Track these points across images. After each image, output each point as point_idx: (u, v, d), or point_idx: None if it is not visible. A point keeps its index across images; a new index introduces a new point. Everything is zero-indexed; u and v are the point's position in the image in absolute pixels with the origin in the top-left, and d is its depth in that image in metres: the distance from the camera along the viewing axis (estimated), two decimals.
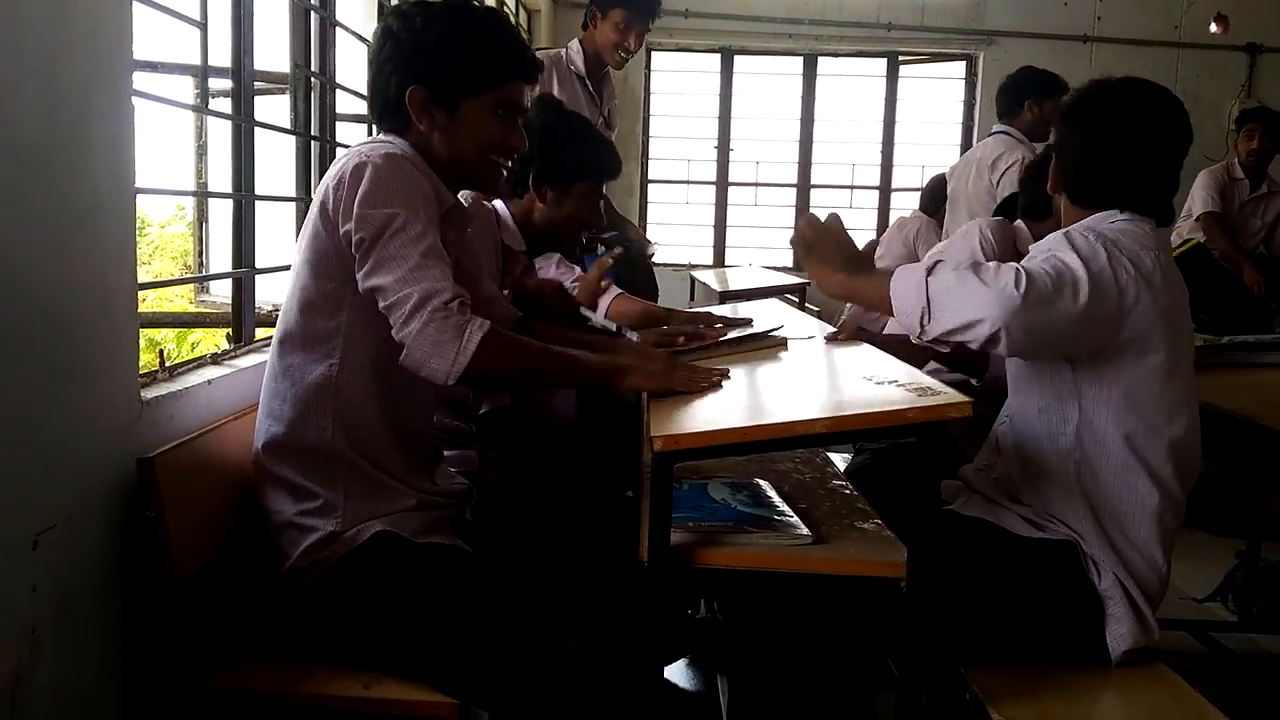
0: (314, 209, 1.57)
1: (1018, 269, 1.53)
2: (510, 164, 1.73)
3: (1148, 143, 1.72)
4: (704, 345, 2.05)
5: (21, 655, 1.31)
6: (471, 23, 1.64)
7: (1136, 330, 1.60)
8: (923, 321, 1.55)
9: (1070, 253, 1.58)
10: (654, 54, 6.95)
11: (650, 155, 7.08)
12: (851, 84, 7.09)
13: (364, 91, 2.96)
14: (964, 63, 6.93)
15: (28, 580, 1.32)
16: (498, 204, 2.33)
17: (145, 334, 4.00)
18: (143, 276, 1.70)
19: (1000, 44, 6.70)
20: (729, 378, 1.71)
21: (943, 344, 1.63)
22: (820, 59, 6.99)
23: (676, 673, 2.49)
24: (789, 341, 2.09)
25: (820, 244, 1.72)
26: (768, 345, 2.07)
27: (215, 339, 3.31)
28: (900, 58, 7.01)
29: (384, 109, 1.66)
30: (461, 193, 1.85)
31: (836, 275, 1.69)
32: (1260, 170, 4.80)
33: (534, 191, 2.30)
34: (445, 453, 2.00)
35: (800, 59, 6.97)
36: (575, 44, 3.37)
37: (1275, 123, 4.75)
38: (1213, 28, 6.54)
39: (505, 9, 5.46)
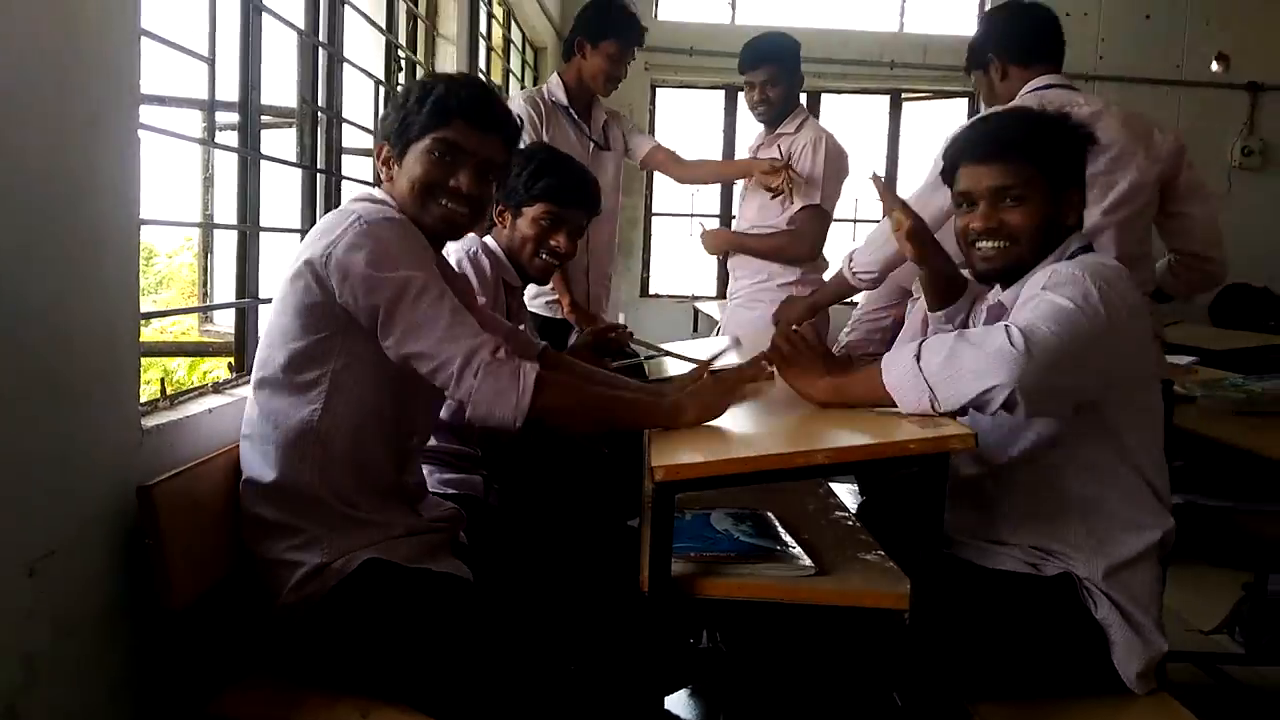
0: (300, 260, 1.56)
1: (1007, 326, 1.49)
2: (465, 211, 1.67)
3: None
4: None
5: (17, 683, 1.31)
6: (433, 78, 1.68)
7: (1129, 363, 1.59)
8: (933, 405, 1.50)
9: (1061, 296, 1.54)
10: (658, 90, 7.02)
11: (654, 188, 7.12)
12: (855, 121, 7.14)
13: (369, 126, 3.01)
14: (966, 100, 6.98)
15: (24, 607, 1.31)
16: (489, 240, 2.34)
17: (157, 360, 4.03)
18: (150, 306, 1.71)
19: None
20: (771, 376, 1.74)
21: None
22: (824, 95, 7.05)
23: (678, 703, 2.47)
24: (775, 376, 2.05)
25: (798, 355, 1.71)
26: (754, 378, 2.02)
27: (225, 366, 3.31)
28: (903, 95, 7.06)
29: (376, 170, 1.73)
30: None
31: (821, 381, 1.68)
32: None
33: (497, 219, 2.32)
34: (448, 475, 2.01)
35: (803, 96, 7.02)
36: (554, 78, 3.39)
37: None
38: (1214, 66, 6.60)
39: (513, 46, 5.53)
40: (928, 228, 1.95)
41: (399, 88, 1.73)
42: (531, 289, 2.73)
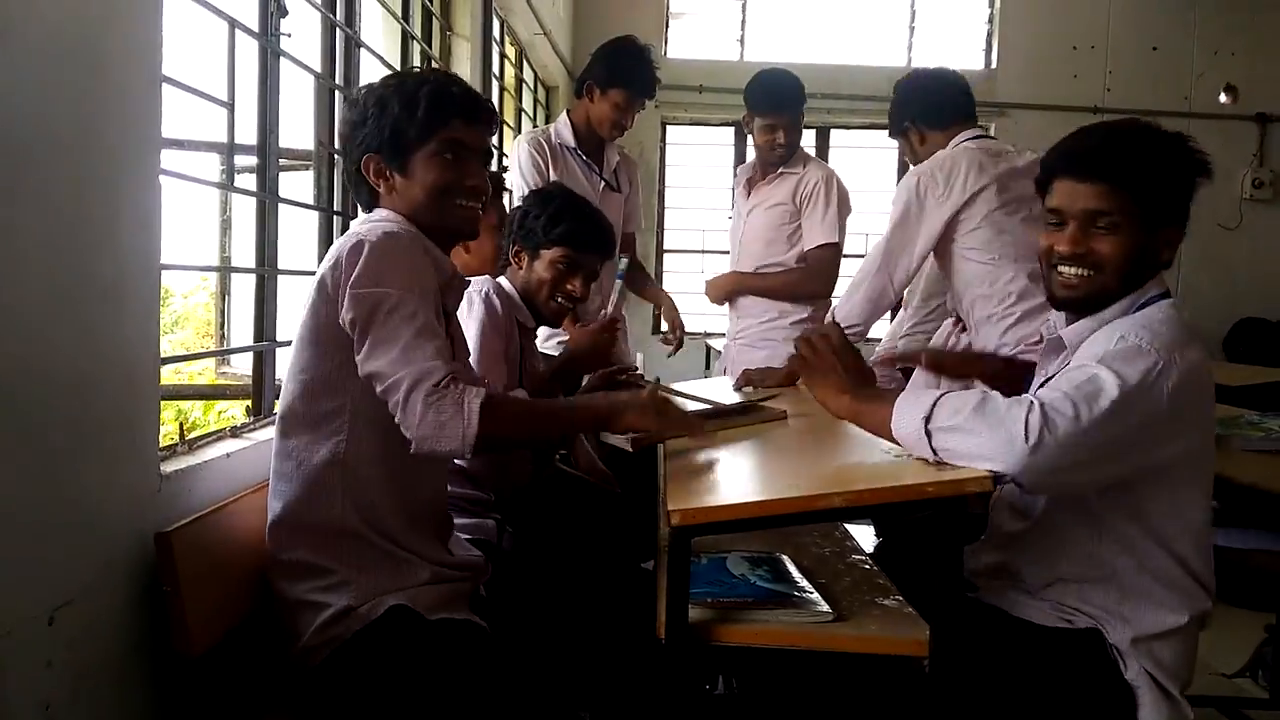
0: (313, 289, 1.57)
1: (1032, 403, 1.39)
2: (476, 205, 1.70)
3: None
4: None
5: None
6: (401, 81, 1.68)
7: (1178, 444, 1.51)
8: (940, 466, 1.45)
9: (1113, 373, 1.43)
10: (669, 128, 7.07)
11: (666, 226, 7.16)
12: (863, 155, 7.18)
13: None
14: None
15: (44, 655, 1.31)
16: (502, 281, 2.35)
17: (172, 403, 4.04)
18: (166, 346, 1.72)
19: (1012, 115, 6.78)
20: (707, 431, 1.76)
21: None
22: (833, 131, 7.09)
23: None
24: (787, 415, 2.05)
25: (822, 362, 1.65)
26: (765, 419, 2.02)
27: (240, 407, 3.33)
28: None
29: (356, 188, 1.71)
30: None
31: (842, 397, 1.62)
32: None
33: (513, 259, 2.33)
34: (461, 521, 2.00)
35: (813, 131, 7.07)
36: (563, 117, 3.39)
37: None
38: (1222, 98, 6.62)
39: (525, 86, 5.58)
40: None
41: (348, 101, 1.71)
42: (543, 331, 2.73)
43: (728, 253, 3.47)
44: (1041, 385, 1.59)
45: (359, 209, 1.81)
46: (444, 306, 1.64)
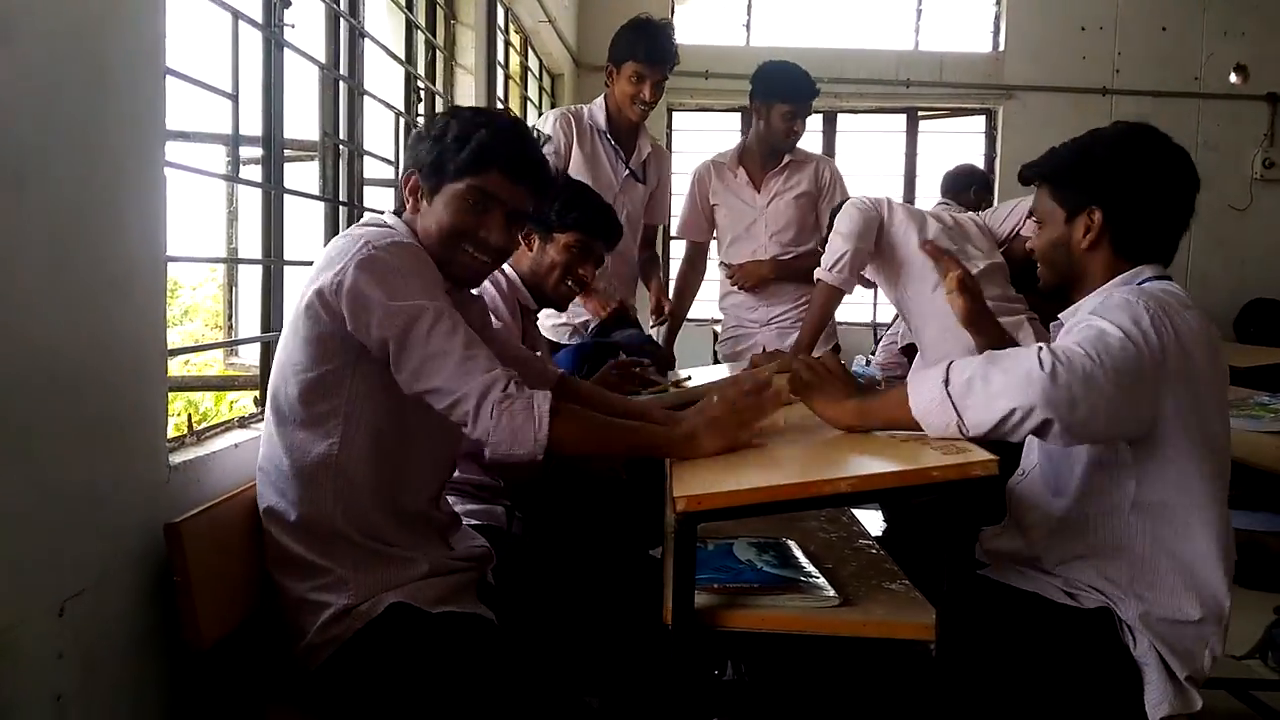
0: (310, 290, 1.54)
1: (1041, 348, 1.45)
2: (488, 260, 1.68)
3: (1189, 190, 1.69)
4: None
5: None
6: (474, 115, 1.66)
7: (1185, 393, 1.53)
8: (960, 429, 1.48)
9: (1107, 321, 1.51)
10: (675, 114, 7.05)
11: (672, 211, 7.13)
12: (872, 139, 7.15)
13: (389, 157, 3.04)
14: (984, 117, 6.98)
15: (54, 646, 1.32)
16: (505, 265, 2.35)
17: (182, 394, 4.06)
18: (175, 338, 1.73)
19: (1020, 98, 6.74)
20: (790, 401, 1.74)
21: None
22: (840, 115, 7.06)
23: None
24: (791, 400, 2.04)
25: (820, 381, 1.69)
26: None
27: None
28: (920, 113, 7.07)
29: (397, 195, 1.71)
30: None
31: (847, 404, 1.65)
32: None
33: (523, 241, 2.33)
34: (470, 506, 2.01)
35: (820, 116, 7.04)
36: (600, 100, 3.40)
37: None
38: (1232, 78, 6.56)
39: (530, 74, 5.57)
40: (976, 283, 1.99)
41: (436, 115, 1.71)
42: (542, 313, 2.74)
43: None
44: None
45: (361, 200, 1.82)
46: None
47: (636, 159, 3.41)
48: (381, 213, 1.74)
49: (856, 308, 6.47)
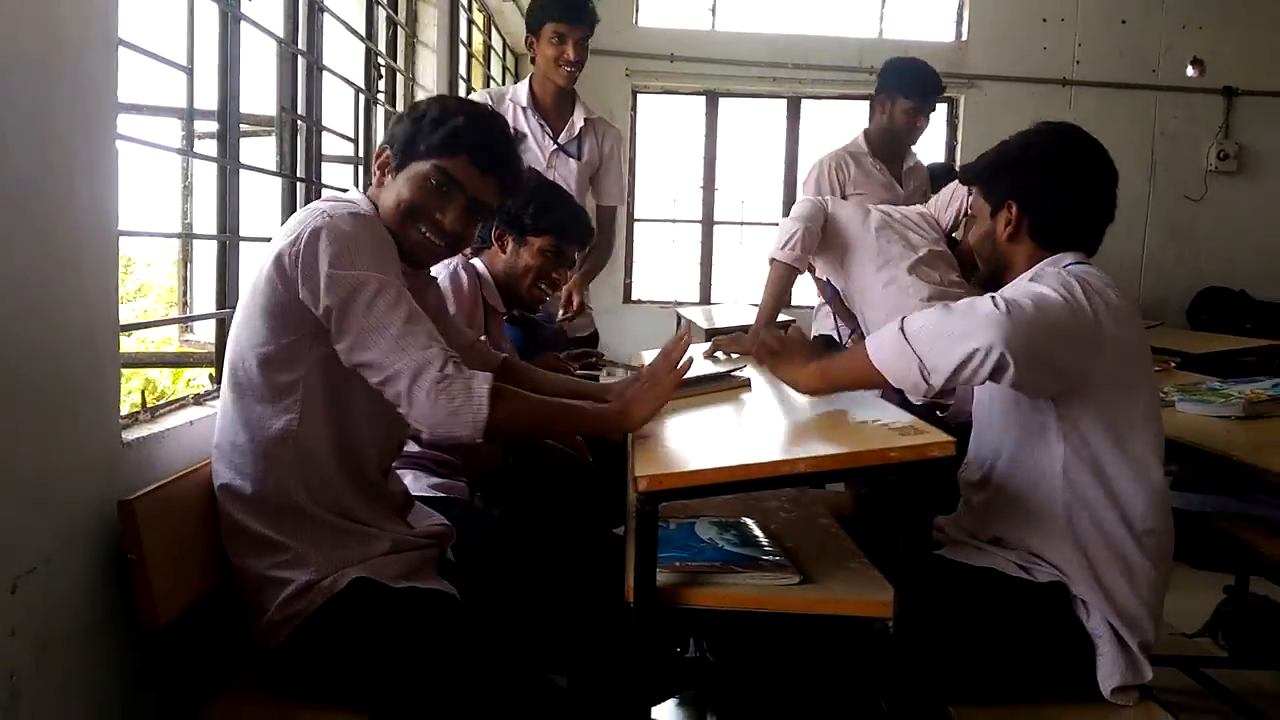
0: (268, 261, 1.53)
1: (993, 296, 1.54)
2: (441, 244, 1.66)
3: (1106, 184, 1.78)
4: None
5: (1, 700, 1.29)
6: (459, 103, 1.67)
7: (1118, 360, 1.61)
8: (923, 374, 1.53)
9: (1043, 286, 1.61)
10: (640, 96, 7.02)
11: (636, 194, 7.13)
12: (835, 125, 7.16)
13: (348, 134, 3.00)
14: (945, 105, 7.02)
15: (6, 624, 1.30)
16: (476, 262, 2.35)
17: (138, 371, 4.00)
18: (129, 314, 1.70)
19: (981, 87, 6.79)
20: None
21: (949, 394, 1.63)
22: (804, 101, 7.07)
23: (666, 713, 2.47)
24: (752, 383, 2.04)
25: (785, 350, 1.76)
26: (730, 387, 2.02)
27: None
28: None
29: (368, 170, 1.69)
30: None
31: (808, 368, 1.72)
32: None
33: (496, 242, 2.33)
34: (432, 480, 2.00)
35: (784, 101, 7.05)
36: (524, 81, 3.35)
37: None
38: (1190, 71, 6.66)
39: (493, 52, 5.52)
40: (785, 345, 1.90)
41: (418, 100, 1.71)
42: None
43: (699, 222, 3.44)
44: None
45: (319, 176, 1.79)
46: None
47: (568, 134, 3.33)
48: (345, 190, 1.73)
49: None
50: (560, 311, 3.04)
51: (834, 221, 2.91)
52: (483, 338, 2.12)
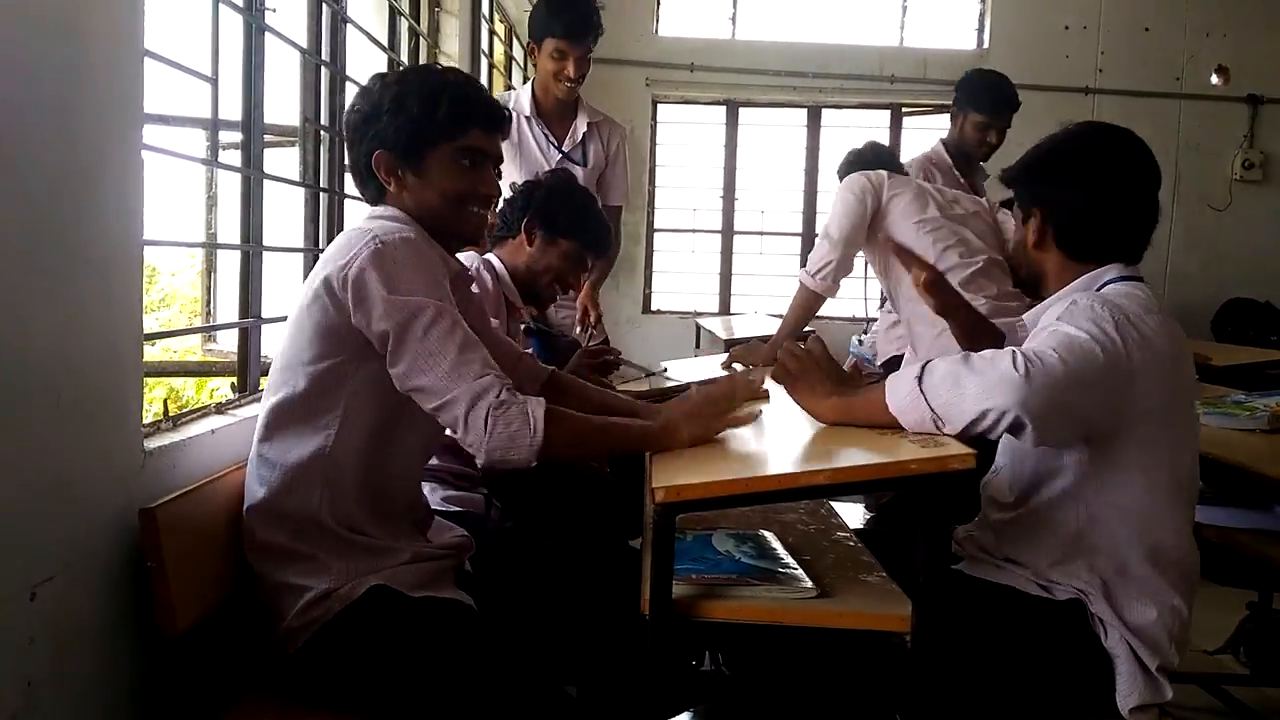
0: (317, 280, 1.55)
1: (1014, 351, 1.48)
2: (486, 212, 1.72)
3: (1139, 188, 1.70)
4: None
5: (17, 708, 1.30)
6: (422, 78, 1.65)
7: (1150, 394, 1.55)
8: (937, 426, 1.50)
9: (1072, 326, 1.53)
10: (660, 106, 7.04)
11: (656, 204, 7.14)
12: (856, 134, 7.13)
13: None
14: None
15: (25, 631, 1.31)
16: (491, 257, 2.35)
17: (161, 380, 4.03)
18: (153, 324, 1.72)
19: None
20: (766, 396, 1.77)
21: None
22: (824, 110, 7.06)
23: None
24: (770, 394, 2.04)
25: (805, 373, 1.69)
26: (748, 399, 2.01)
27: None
28: (903, 109, 7.08)
29: (362, 181, 1.69)
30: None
31: (828, 400, 1.66)
32: None
33: (525, 234, 2.33)
34: (448, 493, 2.01)
35: (804, 110, 7.05)
36: (526, 86, 3.33)
37: None
38: (1214, 79, 6.61)
39: (514, 63, 5.55)
40: (945, 279, 1.98)
41: (364, 90, 1.69)
42: None
43: (719, 231, 3.40)
44: None
45: (342, 187, 1.80)
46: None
47: (571, 140, 3.29)
48: (379, 204, 1.72)
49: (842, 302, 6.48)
50: (578, 328, 3.04)
51: (883, 220, 2.80)
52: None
